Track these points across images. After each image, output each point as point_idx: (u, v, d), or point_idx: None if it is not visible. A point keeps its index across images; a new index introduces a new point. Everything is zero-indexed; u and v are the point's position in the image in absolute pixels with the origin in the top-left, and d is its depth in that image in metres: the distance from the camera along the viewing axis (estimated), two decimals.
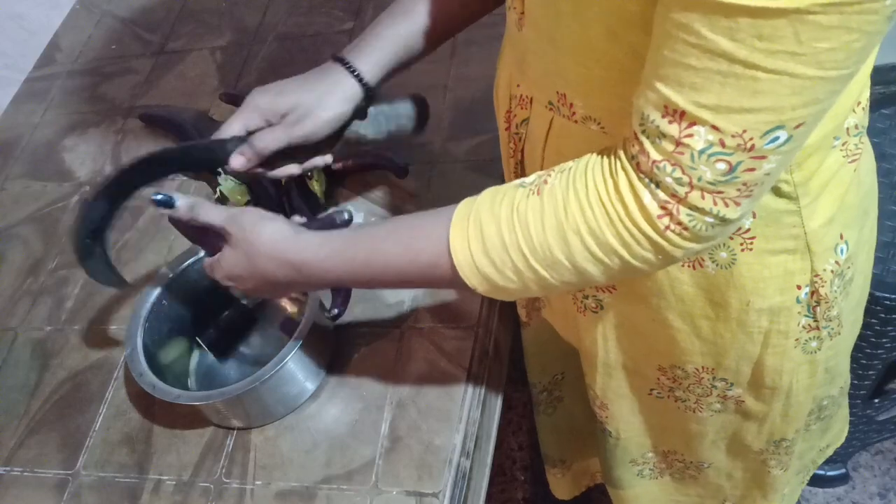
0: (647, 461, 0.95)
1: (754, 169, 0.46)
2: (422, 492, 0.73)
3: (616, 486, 1.01)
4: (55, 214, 1.12)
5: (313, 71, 0.76)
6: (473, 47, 1.07)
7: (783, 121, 0.44)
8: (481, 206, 0.55)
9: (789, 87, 0.43)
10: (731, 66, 0.42)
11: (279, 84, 0.75)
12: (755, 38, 0.41)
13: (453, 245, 0.55)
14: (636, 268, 0.51)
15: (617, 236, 0.50)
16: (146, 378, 0.80)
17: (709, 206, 0.48)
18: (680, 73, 0.44)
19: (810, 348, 0.70)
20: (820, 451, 0.97)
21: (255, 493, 0.78)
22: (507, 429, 1.64)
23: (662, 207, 0.48)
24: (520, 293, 0.56)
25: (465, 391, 0.79)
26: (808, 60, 0.42)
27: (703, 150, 0.45)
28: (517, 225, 0.53)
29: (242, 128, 0.74)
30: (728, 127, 0.44)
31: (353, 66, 0.74)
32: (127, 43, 1.35)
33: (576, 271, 0.52)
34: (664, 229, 0.49)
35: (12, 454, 0.88)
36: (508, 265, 0.54)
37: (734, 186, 0.47)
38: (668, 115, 0.46)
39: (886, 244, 1.13)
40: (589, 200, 0.50)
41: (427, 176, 0.97)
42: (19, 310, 1.02)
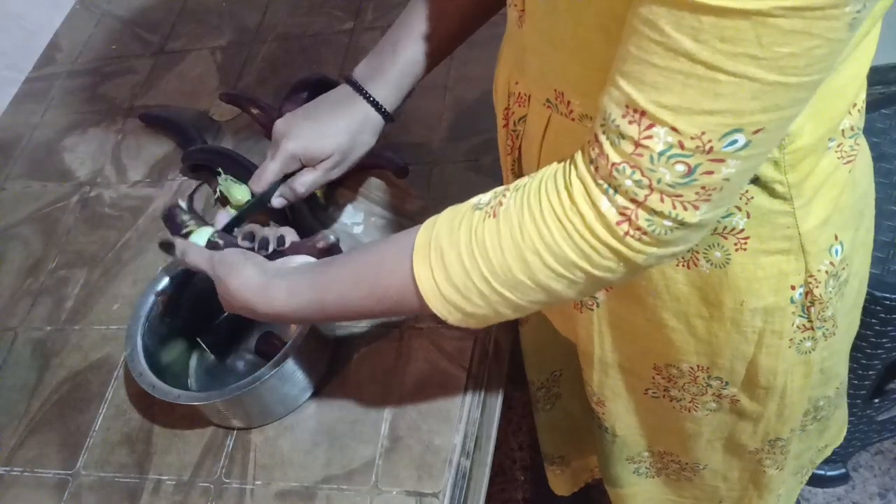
0: (643, 460, 0.95)
1: (713, 172, 0.46)
2: (422, 492, 0.73)
3: (613, 484, 1.01)
4: (55, 214, 1.12)
5: (336, 104, 0.79)
6: (473, 47, 1.07)
7: (742, 124, 0.44)
8: (440, 233, 0.54)
9: (749, 90, 0.43)
10: (692, 67, 0.42)
11: (307, 126, 0.78)
12: (718, 39, 0.41)
13: (418, 276, 0.54)
14: (600, 278, 0.51)
15: (576, 250, 0.49)
16: (146, 378, 0.80)
17: (668, 209, 0.47)
18: (643, 71, 0.44)
19: (805, 349, 0.70)
20: (818, 451, 0.97)
21: (255, 493, 0.78)
22: (507, 429, 1.64)
23: (621, 213, 0.48)
24: (492, 318, 0.55)
25: (465, 391, 0.79)
26: (769, 65, 0.42)
27: (662, 152, 0.45)
28: (476, 250, 0.52)
29: (280, 174, 0.79)
30: (687, 129, 0.44)
31: (375, 100, 0.77)
32: (127, 43, 1.35)
33: (540, 290, 0.52)
34: (623, 235, 0.48)
35: (12, 454, 0.88)
36: (473, 291, 0.53)
37: (693, 189, 0.47)
38: (629, 115, 0.46)
39: (886, 244, 1.13)
40: (544, 217, 0.50)
41: (427, 176, 0.97)
42: (19, 310, 1.02)
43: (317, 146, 0.77)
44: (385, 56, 0.77)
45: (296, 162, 0.78)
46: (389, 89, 0.77)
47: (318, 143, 0.77)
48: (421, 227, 0.56)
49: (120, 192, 1.11)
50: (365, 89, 0.77)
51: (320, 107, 0.79)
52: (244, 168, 1.00)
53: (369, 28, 1.19)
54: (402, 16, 0.78)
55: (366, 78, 0.78)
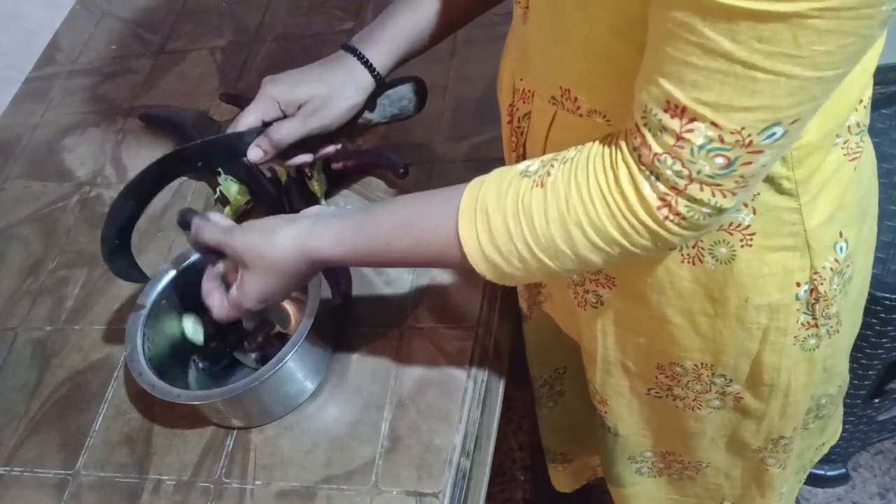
0: (645, 459, 0.95)
1: (751, 163, 0.48)
2: (422, 492, 0.73)
3: (616, 483, 1.01)
4: (55, 214, 1.12)
5: (326, 60, 0.78)
6: (473, 47, 1.07)
7: (780, 118, 0.46)
8: (488, 196, 0.56)
9: (786, 87, 0.44)
10: (731, 66, 0.44)
11: (293, 74, 0.77)
12: (755, 39, 0.42)
13: (462, 236, 0.57)
14: (635, 254, 0.54)
15: (618, 228, 0.52)
16: (146, 378, 0.80)
17: (707, 197, 0.49)
18: (682, 71, 0.45)
19: (809, 346, 0.70)
20: (816, 449, 0.97)
21: (255, 493, 0.78)
22: (507, 429, 1.64)
23: (662, 199, 0.50)
24: (525, 279, 0.59)
25: (465, 391, 0.79)
26: (805, 62, 0.43)
27: (702, 146, 0.47)
28: (522, 217, 0.54)
29: (258, 118, 0.77)
30: (727, 124, 0.46)
31: (365, 58, 0.76)
32: (127, 43, 1.35)
33: (578, 260, 0.54)
34: (663, 220, 0.50)
35: (12, 454, 0.88)
36: (514, 254, 0.56)
37: (732, 179, 0.48)
38: (670, 110, 0.47)
39: (886, 244, 1.13)
40: (591, 193, 0.52)
41: (427, 176, 0.97)
42: (19, 310, 1.02)
43: (295, 90, 0.76)
44: (380, 22, 0.78)
45: (274, 107, 0.76)
46: (381, 50, 0.77)
47: (297, 88, 0.76)
48: (467, 187, 0.58)
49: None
50: (356, 48, 0.77)
51: (311, 65, 0.79)
52: (244, 168, 1.00)
53: None
54: None
55: (359, 40, 0.78)
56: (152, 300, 0.85)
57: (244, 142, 0.77)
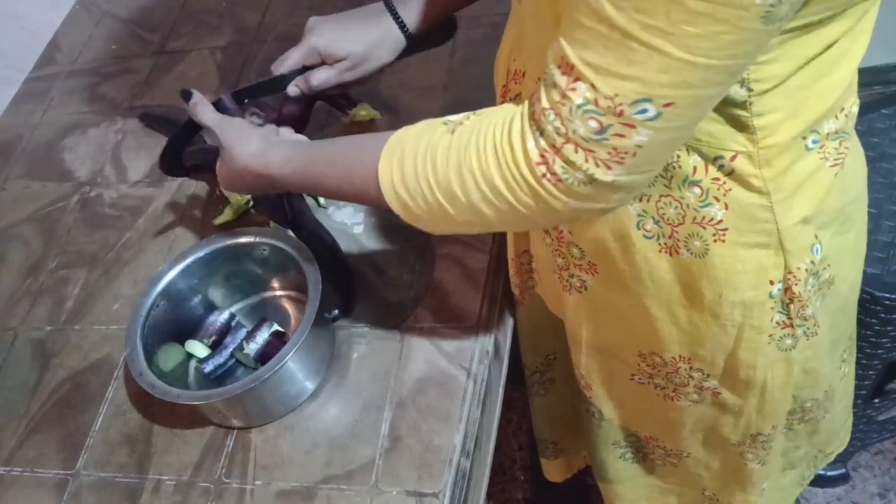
0: (630, 444, 0.96)
1: (623, 136, 0.48)
2: (422, 492, 0.73)
3: (600, 468, 1.02)
4: (55, 214, 1.12)
5: (366, 13, 0.84)
6: (473, 47, 1.07)
7: (651, 94, 0.47)
8: (408, 137, 0.59)
9: (658, 62, 0.45)
10: (611, 32, 0.45)
11: (334, 23, 0.85)
12: (633, 9, 0.44)
13: (380, 170, 0.59)
14: (522, 214, 0.54)
15: (503, 179, 0.53)
16: (146, 378, 0.80)
17: (580, 161, 0.50)
18: (575, 30, 0.47)
19: (785, 346, 0.71)
20: (825, 455, 0.97)
21: (255, 493, 0.78)
22: (507, 429, 1.64)
23: (542, 155, 0.51)
24: (433, 224, 0.60)
25: (465, 391, 0.79)
26: (677, 42, 0.44)
27: (580, 105, 0.48)
28: (428, 159, 0.57)
29: (300, 62, 0.85)
30: (603, 88, 0.47)
31: (401, 18, 0.82)
32: (127, 43, 1.35)
33: (472, 209, 0.56)
34: (541, 176, 0.52)
35: (12, 454, 0.88)
36: (419, 194, 0.58)
37: (604, 148, 0.49)
38: (562, 67, 0.49)
39: (886, 244, 1.13)
40: (485, 143, 0.54)
41: None
42: (19, 310, 1.02)
43: (336, 45, 0.83)
44: None
45: (315, 56, 0.84)
46: (416, 12, 0.83)
47: (337, 43, 0.83)
48: (398, 131, 0.61)
49: (120, 192, 1.11)
50: (394, 6, 0.82)
51: (351, 14, 0.85)
52: None
53: None
54: None
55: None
56: (152, 300, 0.85)
57: (286, 81, 0.87)
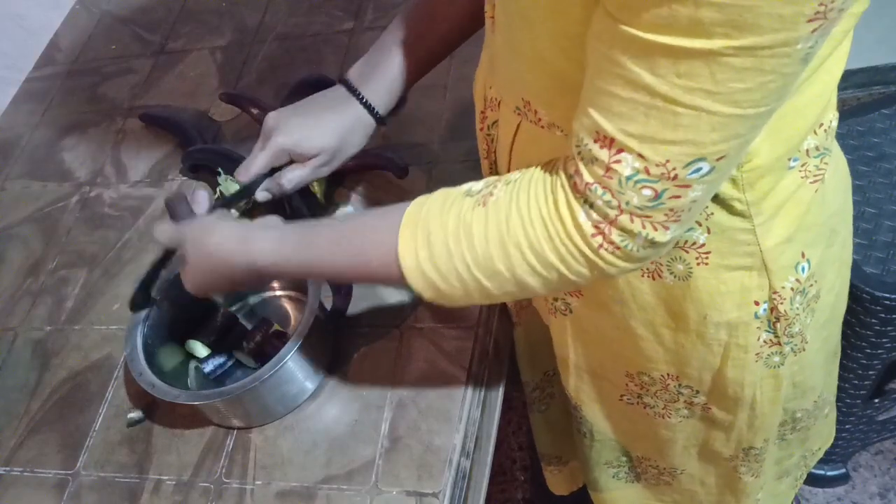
0: (622, 464, 0.96)
1: (680, 196, 0.48)
2: (422, 492, 0.73)
3: (594, 487, 1.02)
4: (55, 214, 1.12)
5: (331, 103, 0.78)
6: (473, 47, 1.07)
7: (704, 154, 0.46)
8: (430, 213, 0.56)
9: (708, 123, 0.44)
10: (652, 100, 0.44)
11: (299, 122, 0.78)
12: (674, 74, 0.43)
13: (401, 252, 0.56)
14: (572, 281, 0.53)
15: (555, 252, 0.51)
16: (146, 377, 0.80)
17: (638, 228, 0.49)
18: (609, 102, 0.46)
19: (773, 363, 0.70)
20: (812, 454, 0.97)
21: (255, 493, 0.78)
22: (507, 429, 1.64)
23: (595, 227, 0.50)
24: (463, 301, 0.57)
25: (465, 391, 0.79)
26: (725, 99, 0.43)
27: (630, 177, 0.47)
28: (462, 235, 0.54)
29: (267, 166, 0.78)
30: (653, 156, 0.46)
31: (369, 103, 0.77)
32: (127, 43, 1.35)
33: (516, 282, 0.54)
34: (598, 248, 0.50)
35: (12, 454, 0.88)
36: (453, 273, 0.55)
37: (661, 212, 0.48)
38: (599, 141, 0.47)
39: (886, 244, 1.13)
40: (531, 216, 0.52)
41: (427, 176, 0.97)
42: (19, 310, 1.02)
43: (307, 143, 0.77)
44: (379, 60, 0.78)
45: (285, 156, 0.78)
46: (382, 93, 0.78)
47: (308, 141, 0.77)
48: (411, 204, 0.58)
49: (120, 192, 1.11)
50: (359, 90, 0.77)
51: (313, 105, 0.79)
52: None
53: (369, 28, 1.19)
54: (395, 20, 0.78)
55: (359, 80, 0.78)
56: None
57: (256, 185, 0.80)
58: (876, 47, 1.75)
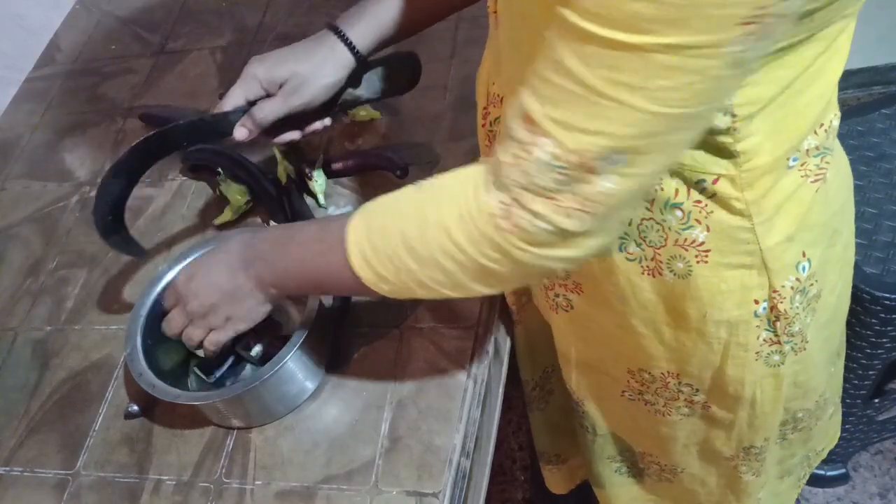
0: (624, 459, 0.96)
1: (588, 182, 0.48)
2: (422, 492, 0.73)
3: (597, 481, 1.02)
4: (55, 214, 1.12)
5: (308, 40, 0.79)
6: (473, 47, 1.07)
7: (620, 147, 0.46)
8: (377, 201, 0.58)
9: (629, 117, 0.44)
10: (579, 88, 0.45)
11: (275, 53, 0.79)
12: (602, 66, 0.43)
13: (348, 231, 0.58)
14: (490, 269, 0.53)
15: (464, 233, 0.52)
16: (146, 378, 0.80)
17: (545, 211, 0.49)
18: (541, 85, 0.47)
19: (773, 362, 0.70)
20: (816, 454, 0.97)
21: (255, 493, 0.78)
22: (507, 429, 1.64)
23: (503, 208, 0.50)
24: (403, 289, 0.58)
25: (465, 391, 0.79)
26: (648, 96, 0.43)
27: (544, 160, 0.47)
28: (396, 216, 0.56)
29: (242, 98, 0.78)
30: (569, 143, 0.46)
31: (346, 35, 0.77)
32: (127, 43, 1.35)
33: (438, 267, 0.54)
34: (504, 230, 0.50)
35: (12, 454, 0.88)
36: (385, 254, 0.56)
37: (569, 197, 0.48)
38: (524, 122, 0.48)
39: (886, 244, 1.13)
40: (449, 198, 0.53)
41: (427, 176, 0.97)
42: (19, 310, 1.02)
43: (277, 68, 0.77)
44: (369, 4, 0.79)
45: (257, 86, 0.78)
46: (363, 29, 0.78)
47: (278, 66, 0.77)
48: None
49: None
50: (339, 27, 0.78)
51: (294, 45, 0.80)
52: (244, 168, 1.00)
53: None
54: None
55: (343, 21, 0.79)
56: (152, 300, 0.85)
57: (230, 121, 0.79)
58: (876, 47, 1.75)
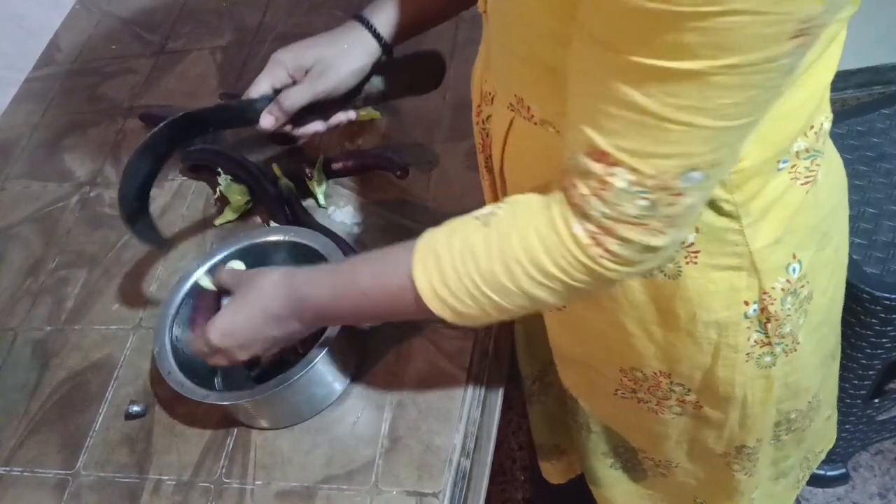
0: (618, 455, 0.96)
1: (674, 204, 0.49)
2: (422, 492, 0.73)
3: (592, 478, 1.02)
4: (55, 214, 1.12)
5: (334, 30, 0.80)
6: (473, 47, 1.07)
7: (695, 164, 0.47)
8: (439, 239, 0.58)
9: (698, 136, 0.46)
10: (643, 117, 0.45)
11: (302, 42, 0.79)
12: (664, 94, 0.44)
13: (416, 276, 0.58)
14: (578, 289, 0.54)
15: (555, 264, 0.53)
16: (174, 377, 0.79)
17: (635, 236, 0.50)
18: (601, 119, 0.47)
19: (764, 363, 0.71)
20: (814, 455, 0.97)
21: (255, 493, 0.78)
22: (507, 429, 1.64)
23: (592, 237, 0.51)
24: (483, 318, 0.59)
25: (465, 391, 0.79)
26: (713, 114, 0.44)
27: (624, 189, 0.48)
28: (468, 255, 0.56)
29: (269, 86, 0.78)
30: (646, 169, 0.47)
31: (371, 24, 0.78)
32: (127, 43, 1.35)
33: (525, 296, 0.55)
34: (597, 257, 0.52)
35: (12, 454, 0.88)
36: (465, 292, 0.56)
37: (656, 219, 0.50)
38: (593, 155, 0.48)
39: (886, 244, 1.13)
40: (527, 231, 0.53)
41: (427, 176, 0.97)
42: (19, 310, 1.02)
43: (303, 55, 0.78)
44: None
45: (284, 72, 0.78)
46: (388, 18, 0.78)
47: (304, 52, 0.78)
48: (424, 234, 0.59)
49: None
50: (363, 16, 0.78)
51: (320, 34, 0.80)
52: (244, 168, 1.00)
53: None
54: None
55: (368, 10, 0.79)
56: (180, 298, 0.85)
57: (256, 109, 0.78)
58: (876, 47, 1.74)
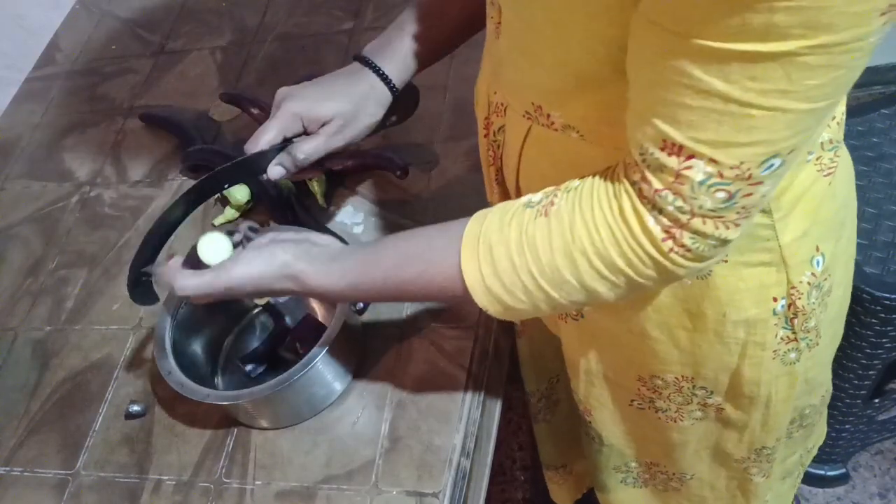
0: (630, 470, 0.95)
1: (752, 194, 0.48)
2: (422, 492, 0.73)
3: (602, 490, 1.01)
4: (55, 214, 1.12)
5: (345, 74, 0.77)
6: (473, 47, 1.07)
7: (778, 150, 0.46)
8: (490, 228, 0.56)
9: (783, 121, 0.44)
10: (726, 106, 0.44)
11: (313, 88, 0.76)
12: (747, 79, 0.43)
13: (465, 268, 0.56)
14: (642, 285, 0.53)
15: (623, 256, 0.51)
16: (175, 377, 0.79)
17: (710, 230, 0.49)
18: (676, 111, 0.46)
19: (789, 360, 0.70)
20: (808, 451, 0.97)
21: (255, 493, 0.78)
22: (507, 429, 1.64)
23: (666, 231, 0.50)
24: (530, 313, 0.57)
25: (465, 391, 0.79)
26: (799, 96, 0.43)
27: (702, 182, 0.47)
28: (526, 247, 0.54)
29: (279, 134, 0.74)
30: (726, 160, 0.46)
31: (383, 71, 0.75)
32: (127, 43, 1.35)
33: (584, 290, 0.54)
34: (668, 251, 0.50)
35: (12, 454, 0.88)
36: (518, 286, 0.55)
37: (734, 211, 0.49)
38: (667, 149, 0.47)
39: (886, 244, 1.13)
40: (595, 222, 0.51)
41: (427, 176, 0.97)
42: (19, 310, 1.02)
43: (320, 107, 0.74)
44: (393, 35, 0.77)
45: (297, 124, 0.75)
46: (397, 64, 0.76)
47: (321, 104, 0.74)
48: (471, 220, 0.57)
49: (120, 192, 1.11)
50: (373, 61, 0.76)
51: (326, 77, 0.77)
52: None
53: (369, 28, 1.19)
54: (412, 3, 0.78)
55: (373, 53, 0.77)
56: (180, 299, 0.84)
57: (267, 159, 0.75)
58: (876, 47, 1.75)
